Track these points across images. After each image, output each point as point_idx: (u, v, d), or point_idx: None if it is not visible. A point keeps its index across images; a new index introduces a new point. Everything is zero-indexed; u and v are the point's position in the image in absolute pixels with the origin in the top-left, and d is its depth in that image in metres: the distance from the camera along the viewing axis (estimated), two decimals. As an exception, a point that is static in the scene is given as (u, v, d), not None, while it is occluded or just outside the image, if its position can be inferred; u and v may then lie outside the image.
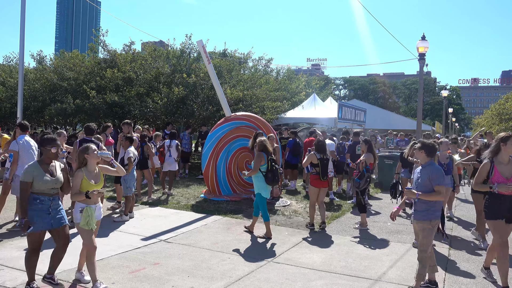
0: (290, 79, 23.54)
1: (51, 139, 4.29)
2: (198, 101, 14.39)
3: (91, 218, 4.26)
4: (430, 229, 4.29)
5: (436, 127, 36.10)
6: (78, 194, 4.25)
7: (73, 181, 4.29)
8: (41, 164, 4.22)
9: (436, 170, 4.33)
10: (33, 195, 4.13)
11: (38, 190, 4.13)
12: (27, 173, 4.10)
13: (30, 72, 19.36)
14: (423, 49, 13.67)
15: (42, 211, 4.13)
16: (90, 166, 4.37)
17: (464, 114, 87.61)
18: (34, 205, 4.12)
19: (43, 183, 4.13)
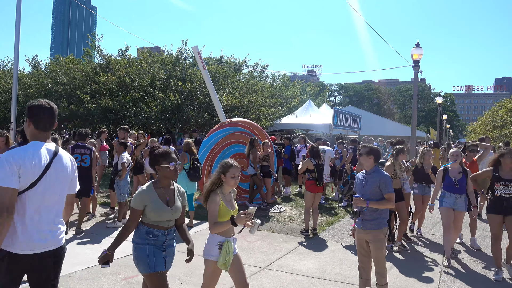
0: (285, 85, 23.62)
1: (165, 153, 3.22)
2: (193, 107, 14.39)
3: (231, 255, 3.43)
4: (383, 238, 4.16)
5: (430, 133, 36.32)
6: (219, 224, 3.36)
7: (209, 208, 3.41)
8: (156, 187, 3.20)
9: (386, 177, 4.18)
10: (145, 227, 3.16)
11: (152, 221, 3.15)
12: (138, 199, 3.14)
13: (24, 77, 19.29)
14: (418, 56, 13.79)
15: (156, 248, 3.17)
16: (226, 188, 3.51)
17: (458, 121, 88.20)
18: (144, 240, 3.15)
19: (158, 214, 3.13)
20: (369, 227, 4.15)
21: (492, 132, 28.28)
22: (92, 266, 5.10)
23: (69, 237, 6.41)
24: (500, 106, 31.04)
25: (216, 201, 3.39)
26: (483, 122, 33.47)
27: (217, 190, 3.45)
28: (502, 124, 28.07)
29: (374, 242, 4.13)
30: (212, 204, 3.38)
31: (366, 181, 4.25)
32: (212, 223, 3.37)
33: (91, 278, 4.74)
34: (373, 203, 4.12)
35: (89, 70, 17.03)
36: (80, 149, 6.87)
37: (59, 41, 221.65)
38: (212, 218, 3.37)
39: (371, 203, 4.11)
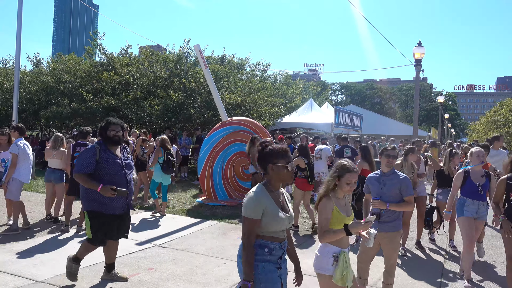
0: (287, 84, 23.60)
1: (283, 151, 2.70)
2: (195, 106, 14.38)
3: (349, 269, 3.01)
4: (399, 240, 4.15)
5: (432, 133, 36.25)
6: (330, 232, 2.98)
7: (319, 213, 3.07)
8: (269, 191, 2.70)
9: (406, 179, 4.13)
10: (259, 240, 2.65)
11: (267, 232, 2.65)
12: (255, 206, 2.58)
13: (26, 74, 19.28)
14: (419, 55, 13.76)
15: (271, 266, 2.66)
16: (339, 193, 3.13)
17: (460, 120, 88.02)
18: (259, 255, 2.64)
19: (277, 222, 2.63)
20: (386, 229, 4.09)
21: (494, 131, 28.18)
22: (93, 264, 5.10)
23: (70, 235, 6.42)
24: (502, 105, 30.93)
25: (328, 207, 3.03)
26: (485, 121, 33.37)
27: (330, 195, 3.10)
28: (504, 123, 27.99)
29: (391, 244, 4.09)
30: (324, 210, 3.03)
31: (384, 183, 4.17)
32: (322, 231, 3.00)
33: (93, 276, 4.74)
34: (393, 205, 4.08)
35: (91, 69, 17.03)
36: (81, 148, 6.85)
37: (60, 39, 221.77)
38: (322, 226, 3.01)
39: (391, 206, 4.08)
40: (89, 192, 4.24)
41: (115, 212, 4.33)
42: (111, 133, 4.33)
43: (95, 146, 4.31)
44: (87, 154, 4.24)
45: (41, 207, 8.00)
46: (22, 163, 6.50)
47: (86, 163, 4.19)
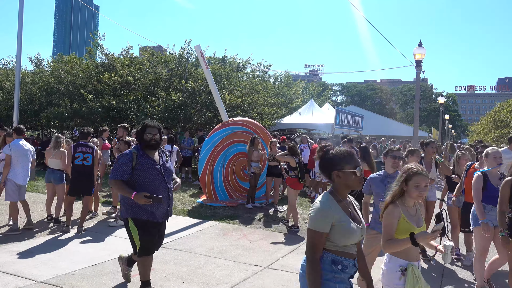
0: (288, 85, 23.61)
1: (349, 155, 2.42)
2: (196, 106, 14.39)
3: (421, 284, 2.71)
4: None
5: (432, 133, 36.24)
6: (394, 242, 2.74)
7: (384, 221, 2.83)
8: (337, 200, 2.39)
9: None
10: (330, 255, 2.34)
11: (339, 247, 2.34)
12: (323, 218, 2.29)
13: (27, 75, 19.30)
14: (420, 56, 13.76)
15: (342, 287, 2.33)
16: (408, 200, 2.86)
17: (461, 121, 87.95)
18: (331, 272, 2.32)
19: (349, 234, 2.33)
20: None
21: (495, 132, 28.19)
22: (94, 265, 5.11)
23: (71, 236, 6.42)
24: (503, 106, 30.92)
25: (393, 214, 2.77)
26: (486, 122, 33.37)
27: (397, 202, 2.83)
28: (504, 124, 27.97)
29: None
30: (388, 217, 2.78)
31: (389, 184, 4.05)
32: (385, 240, 2.75)
33: (94, 276, 4.74)
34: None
35: (91, 69, 17.05)
36: (82, 148, 6.87)
37: (61, 39, 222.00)
38: (386, 234, 2.75)
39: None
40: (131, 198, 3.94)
41: (157, 219, 4.04)
42: (148, 137, 4.03)
43: (133, 151, 4.02)
44: (123, 160, 3.98)
45: (41, 207, 8.01)
46: (16, 164, 6.51)
47: (121, 170, 3.93)
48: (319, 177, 10.10)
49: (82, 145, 6.90)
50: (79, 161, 6.78)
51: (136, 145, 4.15)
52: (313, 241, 2.30)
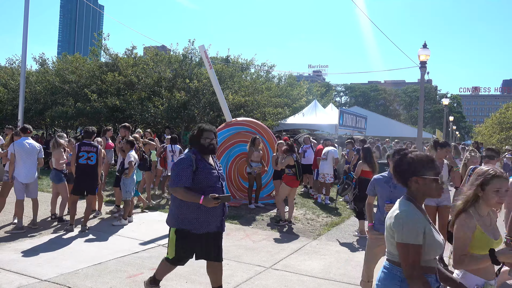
0: (291, 85, 23.60)
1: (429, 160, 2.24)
2: (199, 106, 14.42)
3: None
4: None
5: (436, 135, 36.11)
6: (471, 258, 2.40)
7: (456, 233, 2.47)
8: (417, 207, 2.22)
9: None
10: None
11: (423, 261, 2.12)
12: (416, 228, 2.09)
13: (32, 74, 19.42)
14: (425, 57, 13.71)
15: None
16: (483, 208, 2.51)
17: (465, 122, 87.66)
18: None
19: (436, 246, 2.14)
20: None
21: (499, 134, 28.08)
22: (97, 264, 5.13)
23: (75, 235, 6.45)
24: (507, 107, 30.79)
25: (469, 225, 2.41)
26: (490, 124, 33.26)
27: (469, 210, 2.49)
28: (509, 126, 27.84)
29: None
30: (462, 229, 2.42)
31: (394, 185, 3.97)
32: (459, 255, 2.40)
33: (97, 275, 4.76)
34: None
35: (95, 69, 17.12)
36: (86, 147, 6.90)
37: (66, 39, 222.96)
38: (461, 248, 2.40)
39: None
40: (182, 209, 3.73)
41: (209, 230, 3.78)
42: (206, 141, 3.82)
43: (191, 155, 3.75)
44: (182, 165, 3.69)
45: (45, 206, 8.06)
46: (19, 163, 6.58)
47: (183, 176, 3.65)
48: (322, 178, 10.09)
49: (86, 144, 6.92)
50: (83, 160, 6.80)
51: (191, 149, 3.88)
52: (411, 256, 2.04)
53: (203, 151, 3.85)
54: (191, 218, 3.72)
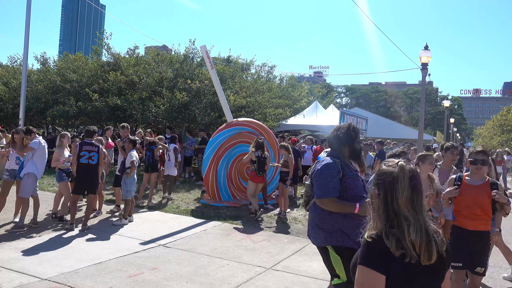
0: (292, 86, 23.60)
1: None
2: (200, 106, 14.41)
3: None
4: None
5: (437, 137, 36.09)
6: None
7: None
8: None
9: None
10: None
11: None
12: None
13: (33, 73, 19.41)
14: (426, 59, 13.70)
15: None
16: None
17: (466, 124, 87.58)
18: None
19: None
20: None
21: (500, 136, 28.07)
22: (98, 263, 5.13)
23: (75, 234, 6.44)
24: (509, 110, 30.79)
25: None
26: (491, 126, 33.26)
27: None
28: (510, 128, 27.84)
29: None
30: None
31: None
32: None
33: (97, 275, 4.76)
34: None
35: (97, 68, 17.13)
36: (88, 146, 6.90)
37: (67, 38, 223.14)
38: None
39: None
40: (334, 220, 3.14)
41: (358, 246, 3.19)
42: (358, 146, 3.38)
43: (336, 160, 3.22)
44: (330, 172, 3.14)
45: (46, 205, 8.06)
46: (42, 160, 6.77)
47: (332, 185, 3.11)
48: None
49: (87, 144, 6.93)
50: (84, 160, 6.80)
51: (332, 152, 3.35)
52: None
53: (352, 156, 3.33)
54: (346, 231, 3.13)
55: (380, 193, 1.75)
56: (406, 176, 1.72)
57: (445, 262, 1.72)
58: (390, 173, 1.74)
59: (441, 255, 1.68)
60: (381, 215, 1.72)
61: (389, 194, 1.71)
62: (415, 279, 1.65)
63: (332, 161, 3.20)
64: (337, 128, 3.40)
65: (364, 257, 1.67)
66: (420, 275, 1.66)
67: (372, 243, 1.67)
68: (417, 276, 1.65)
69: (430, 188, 4.54)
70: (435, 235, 1.70)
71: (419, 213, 1.70)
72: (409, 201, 1.70)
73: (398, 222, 1.67)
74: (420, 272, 1.65)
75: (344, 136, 3.31)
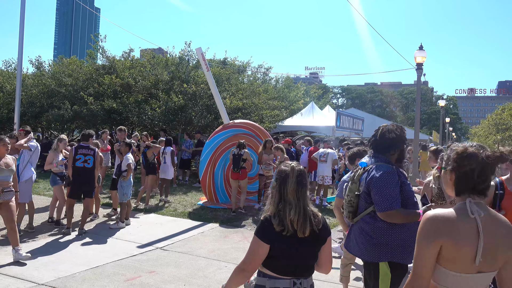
0: (288, 87, 23.62)
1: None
2: (196, 109, 14.40)
3: None
4: None
5: (433, 136, 36.26)
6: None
7: None
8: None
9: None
10: None
11: None
12: None
13: (28, 77, 19.32)
14: (421, 59, 13.77)
15: None
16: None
17: (461, 123, 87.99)
18: None
19: None
20: None
21: (495, 135, 28.20)
22: (95, 267, 5.10)
23: (72, 238, 6.41)
24: (504, 109, 30.96)
25: None
26: (486, 125, 33.42)
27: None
28: (506, 127, 27.98)
29: None
30: None
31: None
32: None
33: (94, 279, 4.73)
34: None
35: (92, 72, 17.08)
36: (83, 150, 6.87)
37: (62, 42, 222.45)
38: None
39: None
40: (395, 232, 2.89)
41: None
42: (404, 154, 3.13)
43: (393, 167, 2.98)
44: (392, 181, 2.88)
45: (42, 209, 8.01)
46: (36, 163, 6.81)
47: (395, 194, 2.84)
48: (321, 180, 10.09)
49: (83, 147, 6.89)
50: (80, 163, 6.77)
51: (382, 157, 3.06)
52: None
53: (399, 160, 3.09)
54: (404, 246, 2.90)
55: (276, 185, 2.30)
56: (294, 174, 2.29)
57: (319, 236, 2.29)
58: (284, 171, 2.32)
59: (314, 231, 2.25)
60: (275, 202, 2.27)
61: (282, 186, 2.28)
62: (294, 247, 2.22)
63: (391, 168, 2.96)
64: (387, 129, 3.08)
65: (258, 231, 2.25)
66: (297, 244, 2.22)
67: (264, 221, 2.25)
68: (295, 244, 2.22)
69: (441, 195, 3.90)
70: (312, 216, 2.27)
71: (301, 200, 2.25)
72: (295, 191, 2.25)
73: (284, 207, 2.23)
74: (297, 242, 2.22)
75: (399, 138, 3.07)
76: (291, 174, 2.28)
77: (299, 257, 2.26)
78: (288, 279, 2.25)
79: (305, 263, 2.29)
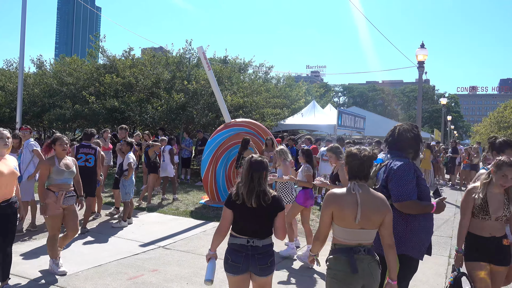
0: (290, 86, 23.61)
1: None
2: (197, 107, 14.40)
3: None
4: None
5: (435, 134, 36.16)
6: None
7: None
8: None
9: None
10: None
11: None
12: None
13: (29, 76, 19.37)
14: (422, 57, 13.71)
15: None
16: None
17: (463, 121, 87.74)
18: None
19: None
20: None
21: (497, 133, 28.15)
22: (98, 266, 5.11)
23: (75, 237, 6.41)
24: (505, 107, 30.89)
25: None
26: (488, 123, 33.36)
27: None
28: (507, 125, 27.93)
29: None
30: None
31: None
32: None
33: (97, 277, 4.74)
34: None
35: (93, 71, 17.09)
36: (85, 149, 6.88)
37: (63, 41, 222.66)
38: None
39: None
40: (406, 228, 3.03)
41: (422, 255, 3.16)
42: (419, 153, 3.33)
43: (410, 161, 3.15)
44: (409, 172, 3.03)
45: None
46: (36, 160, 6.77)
47: (411, 187, 3.00)
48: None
49: (84, 146, 6.90)
50: (81, 162, 6.78)
51: (400, 153, 3.19)
52: None
53: (414, 158, 3.26)
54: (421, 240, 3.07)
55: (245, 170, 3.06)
56: (248, 163, 3.05)
57: (266, 209, 3.01)
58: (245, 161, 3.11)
59: (262, 204, 2.98)
60: (238, 182, 3.08)
61: (242, 171, 3.08)
62: (247, 212, 2.99)
63: (407, 161, 3.12)
64: (404, 129, 3.25)
65: (226, 201, 3.08)
66: (248, 211, 2.99)
67: (230, 194, 3.09)
68: (247, 211, 2.99)
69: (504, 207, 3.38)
70: (261, 194, 2.99)
71: (255, 180, 2.98)
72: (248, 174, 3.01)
73: (243, 185, 3.01)
74: (247, 210, 2.99)
75: (417, 137, 3.26)
76: (247, 163, 3.06)
77: (250, 222, 3.01)
78: (244, 238, 3.02)
79: (256, 227, 3.02)
